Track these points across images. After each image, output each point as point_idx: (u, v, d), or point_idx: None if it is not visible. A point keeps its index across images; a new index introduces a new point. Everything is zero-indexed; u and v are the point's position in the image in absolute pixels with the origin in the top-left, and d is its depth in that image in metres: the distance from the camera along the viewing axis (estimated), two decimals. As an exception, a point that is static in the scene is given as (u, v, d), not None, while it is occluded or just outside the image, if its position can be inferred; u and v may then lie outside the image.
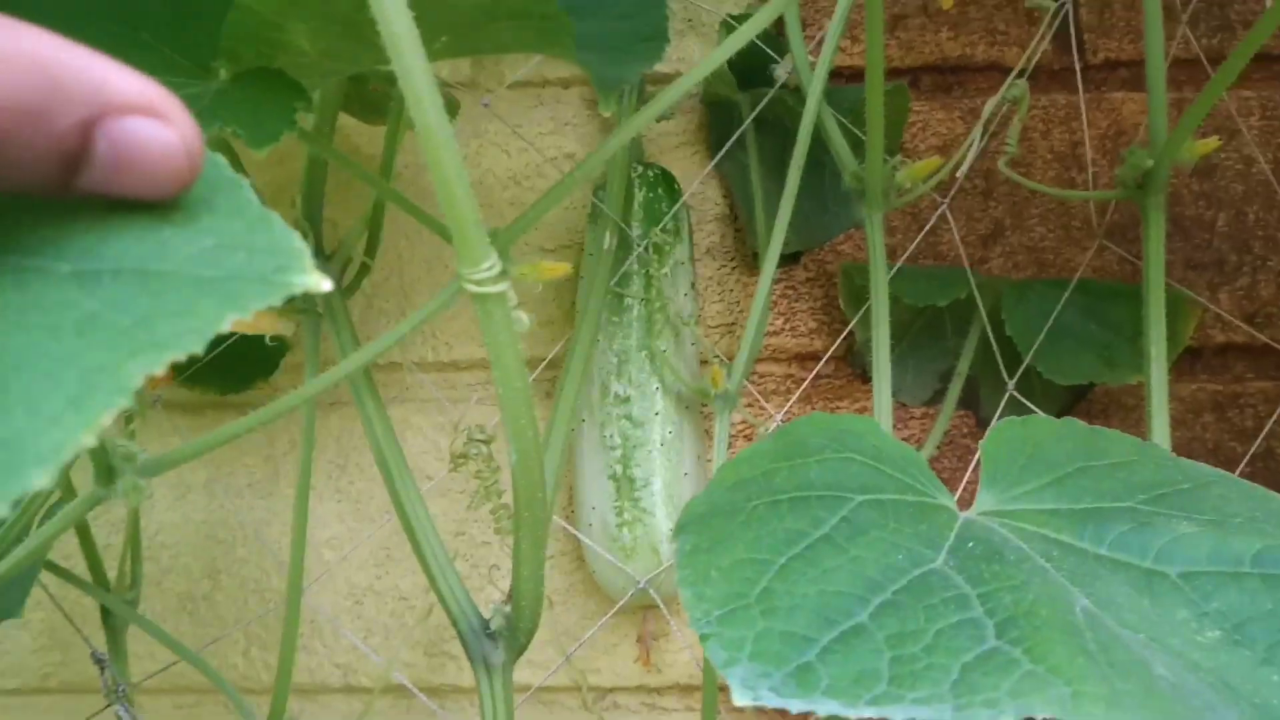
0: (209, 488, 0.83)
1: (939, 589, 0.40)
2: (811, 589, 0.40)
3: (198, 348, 0.26)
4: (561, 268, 0.58)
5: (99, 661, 0.68)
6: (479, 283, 0.38)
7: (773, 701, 0.35)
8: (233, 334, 0.73)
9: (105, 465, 0.50)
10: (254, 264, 0.29)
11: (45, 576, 0.71)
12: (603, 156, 0.59)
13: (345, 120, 0.83)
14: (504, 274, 0.39)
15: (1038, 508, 0.49)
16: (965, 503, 0.49)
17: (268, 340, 0.65)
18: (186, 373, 0.73)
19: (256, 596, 0.81)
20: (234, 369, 0.75)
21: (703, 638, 0.38)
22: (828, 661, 0.37)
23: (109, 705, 0.70)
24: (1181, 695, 0.35)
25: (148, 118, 0.27)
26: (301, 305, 0.66)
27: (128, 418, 0.70)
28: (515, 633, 0.55)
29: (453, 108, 0.80)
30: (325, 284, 0.28)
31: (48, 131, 0.26)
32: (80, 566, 0.70)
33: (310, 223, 0.63)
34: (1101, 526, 0.46)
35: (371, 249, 0.67)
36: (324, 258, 0.63)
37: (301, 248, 0.29)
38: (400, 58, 0.34)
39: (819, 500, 0.45)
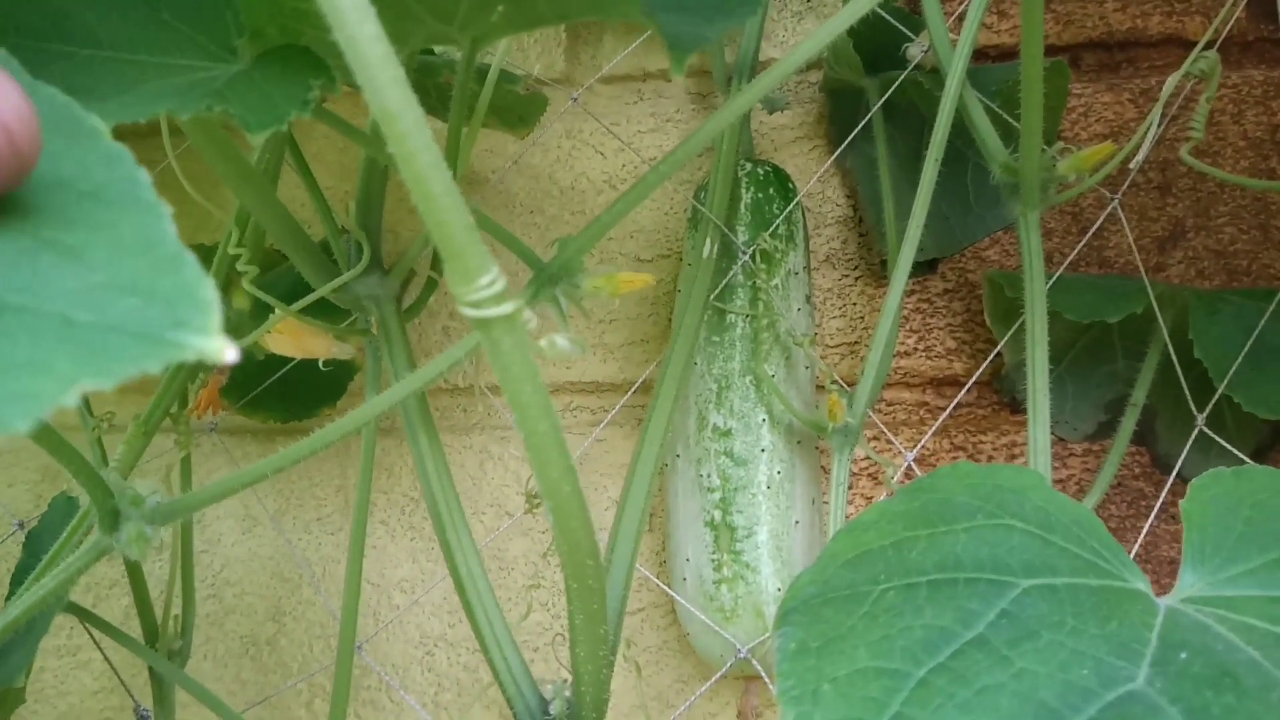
0: (277, 521, 0.76)
1: (1146, 726, 0.29)
2: (961, 719, 0.29)
3: (24, 426, 0.18)
4: (642, 279, 0.49)
5: (142, 717, 0.62)
6: (477, 304, 0.29)
7: None
8: (291, 358, 0.66)
9: (110, 510, 0.43)
10: (145, 315, 0.21)
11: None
12: (693, 147, 0.50)
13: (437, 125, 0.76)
14: (507, 292, 0.29)
15: (1266, 594, 0.37)
16: (1149, 572, 0.37)
17: (321, 365, 0.58)
18: (245, 398, 0.67)
19: (322, 642, 0.74)
20: (297, 394, 0.68)
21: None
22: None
23: (159, 759, 0.64)
24: None
25: None
26: (363, 325, 0.59)
27: (180, 445, 0.64)
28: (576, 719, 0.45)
29: (539, 105, 0.72)
30: (229, 353, 0.20)
31: None
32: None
33: (366, 231, 0.55)
34: (1363, 626, 0.34)
35: (439, 263, 0.59)
36: (381, 272, 0.55)
37: (212, 301, 0.21)
38: (337, 16, 0.24)
39: (969, 585, 0.35)
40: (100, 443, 0.69)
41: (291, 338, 0.55)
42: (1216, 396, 0.59)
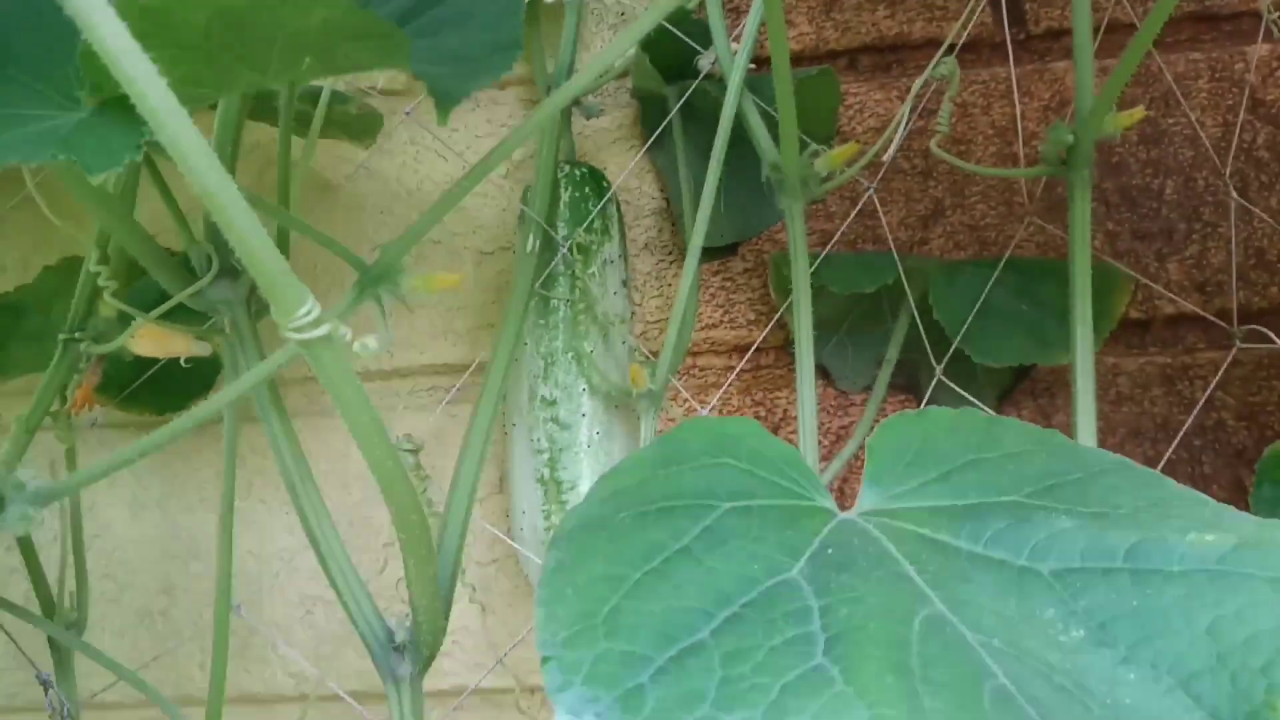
0: (162, 504, 0.84)
1: (785, 601, 0.39)
2: (659, 605, 0.40)
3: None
4: (452, 279, 0.58)
5: (43, 683, 0.70)
6: (298, 330, 0.38)
7: (595, 727, 0.35)
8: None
9: (-6, 495, 0.51)
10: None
11: (-3, 599, 0.73)
12: (504, 152, 0.58)
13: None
14: (323, 317, 0.38)
15: (919, 505, 0.48)
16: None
17: (183, 362, 0.66)
18: (121, 395, 0.74)
19: (211, 609, 0.82)
20: (169, 388, 0.76)
21: (544, 660, 0.38)
22: (659, 683, 0.36)
23: (58, 726, 0.72)
24: (1010, 705, 0.34)
25: None
26: (219, 325, 0.67)
27: (60, 439, 0.71)
28: (419, 646, 0.55)
29: (375, 123, 0.80)
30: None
31: None
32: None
33: (215, 244, 0.63)
34: (980, 523, 0.45)
35: (284, 266, 0.67)
36: (232, 278, 0.63)
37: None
38: (134, 87, 0.33)
39: (685, 510, 0.45)
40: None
41: (154, 340, 0.63)
42: (951, 349, 0.71)
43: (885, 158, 0.76)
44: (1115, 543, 0.43)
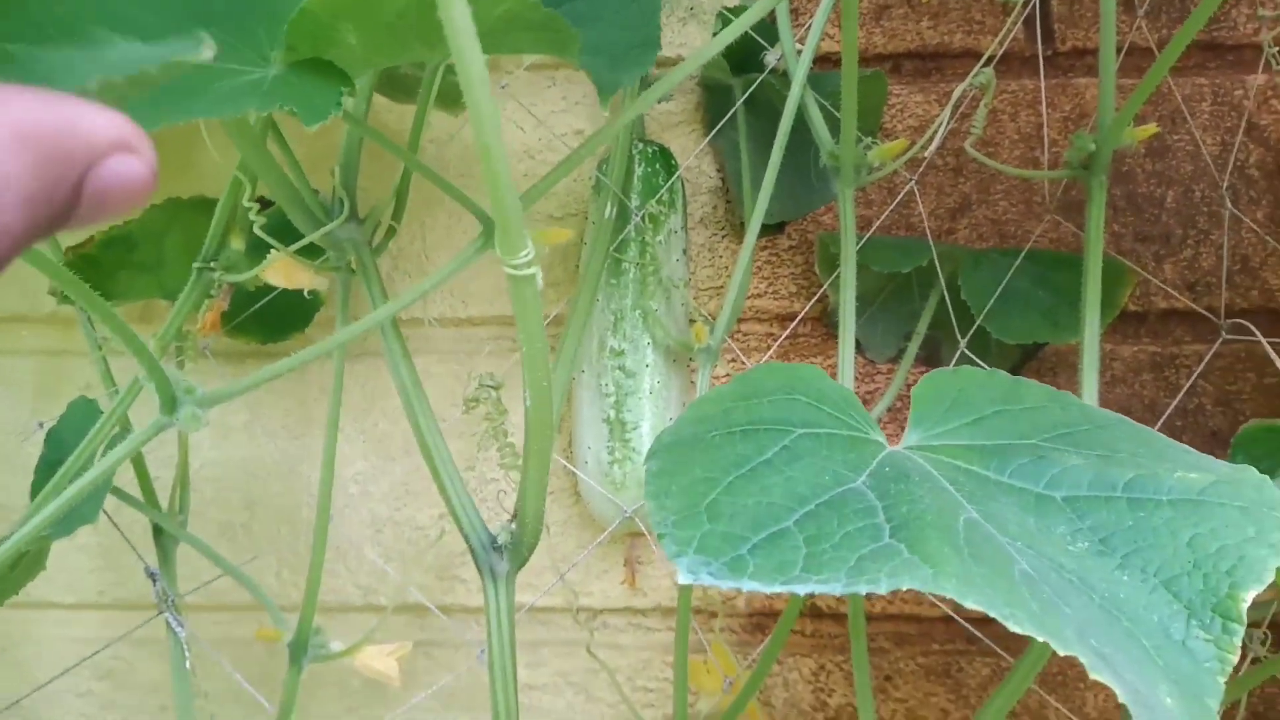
0: (248, 429, 0.93)
1: (853, 502, 0.49)
2: (750, 501, 0.49)
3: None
4: (564, 233, 0.68)
5: (151, 575, 0.79)
6: (516, 267, 0.47)
7: (708, 582, 0.44)
8: (271, 290, 0.83)
9: (169, 396, 0.60)
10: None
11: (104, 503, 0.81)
12: (606, 136, 0.68)
13: (377, 100, 0.92)
14: (535, 259, 0.48)
15: (954, 443, 0.58)
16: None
17: (305, 294, 0.74)
18: (233, 322, 0.83)
19: (288, 526, 0.92)
20: (274, 320, 0.85)
21: (660, 536, 0.47)
22: (755, 555, 0.46)
23: (160, 614, 0.81)
24: (1033, 583, 0.44)
25: (122, 154, 0.26)
26: (335, 263, 0.75)
27: (179, 362, 0.80)
28: (519, 546, 0.64)
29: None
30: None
31: (54, 200, 0.25)
32: (136, 494, 0.81)
33: (347, 191, 0.72)
34: (1005, 459, 0.55)
35: (398, 214, 0.76)
36: (358, 221, 0.72)
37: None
38: (464, 67, 0.42)
39: (766, 432, 0.54)
40: (105, 360, 0.84)
41: (284, 271, 0.72)
42: (975, 326, 0.81)
43: (926, 154, 0.85)
44: (1116, 477, 0.53)
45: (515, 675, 0.64)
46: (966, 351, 0.81)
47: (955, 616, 0.86)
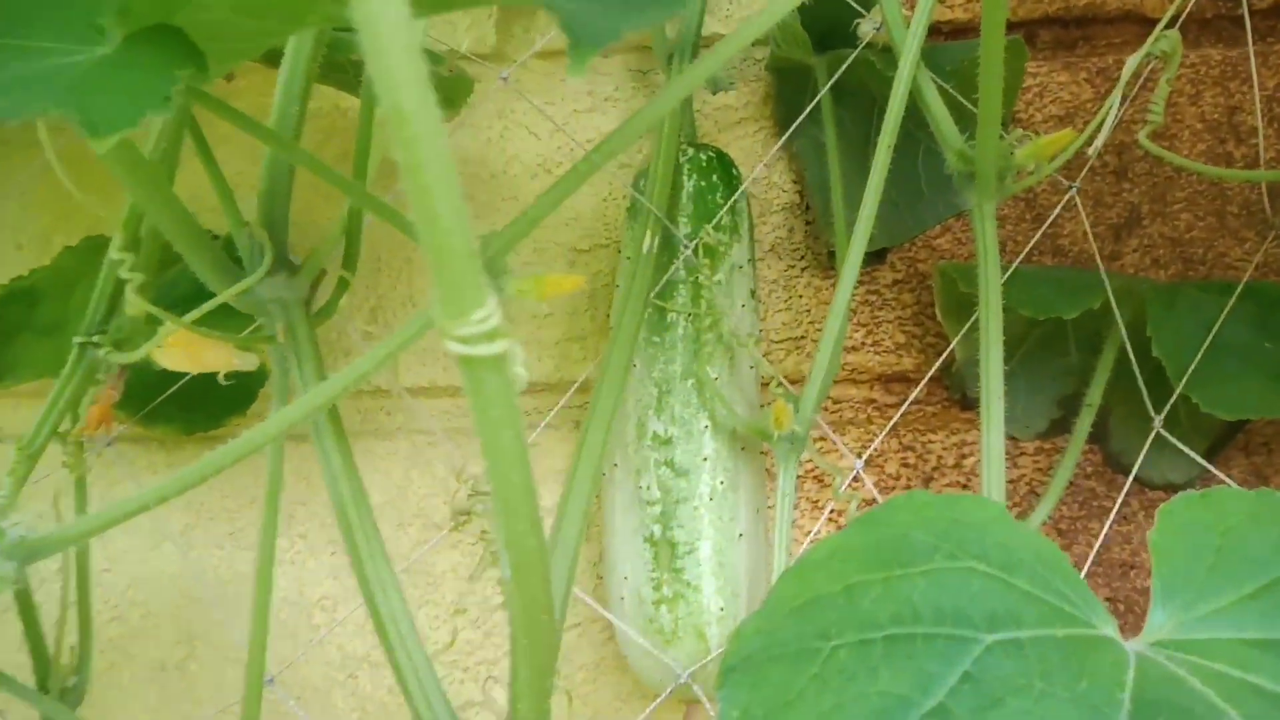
0: (187, 535, 0.71)
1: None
2: (923, 808, 0.26)
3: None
4: (572, 281, 0.44)
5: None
6: (466, 340, 0.25)
7: None
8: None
9: (-34, 546, 0.38)
10: None
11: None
12: (631, 133, 0.45)
13: (351, 102, 0.71)
14: (500, 329, 0.26)
15: (1239, 636, 0.34)
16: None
17: (221, 379, 0.53)
18: (142, 410, 0.62)
19: (237, 667, 0.70)
20: (202, 403, 0.63)
21: None
22: None
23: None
24: None
25: None
26: (268, 332, 0.54)
27: (70, 467, 0.58)
28: (514, 772, 0.42)
29: (464, 88, 0.67)
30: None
31: None
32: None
33: (271, 229, 0.50)
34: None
35: (350, 260, 0.54)
36: (289, 271, 0.51)
37: None
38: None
39: (928, 642, 0.31)
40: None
41: (186, 350, 0.50)
42: (1176, 395, 0.57)
43: (1089, 151, 0.62)
44: None
45: None
46: (1162, 431, 0.57)
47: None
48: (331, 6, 0.41)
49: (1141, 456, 0.59)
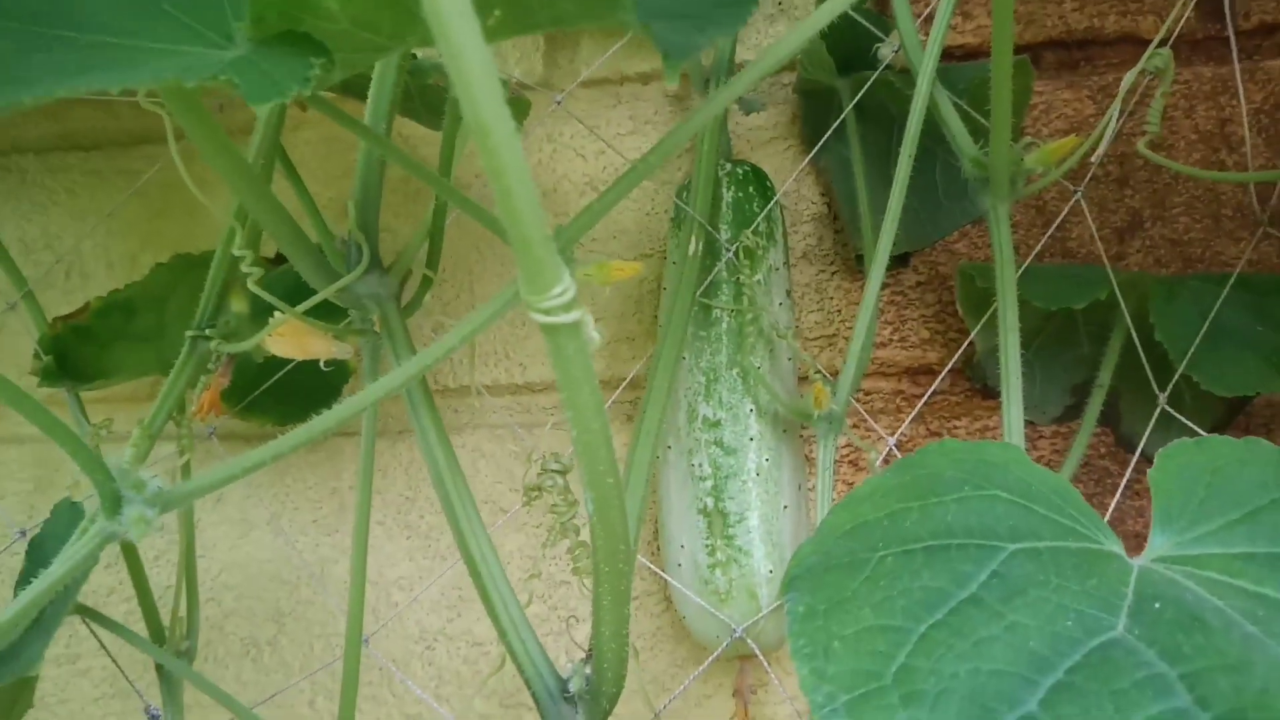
0: (273, 524, 0.78)
1: (1126, 667, 0.31)
2: (962, 667, 0.32)
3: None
4: (632, 267, 0.51)
5: (153, 717, 0.63)
6: (548, 311, 0.31)
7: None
8: (288, 360, 0.68)
9: (111, 495, 0.44)
10: None
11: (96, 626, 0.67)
12: (678, 140, 0.52)
13: (412, 129, 0.78)
14: (575, 301, 0.32)
15: (1227, 551, 0.40)
16: (1124, 542, 0.40)
17: (322, 365, 0.59)
18: (242, 402, 0.68)
19: (322, 641, 0.76)
20: (292, 397, 0.69)
21: (826, 730, 0.30)
22: (992, 768, 0.28)
23: (166, 760, 0.65)
24: None
25: None
26: (359, 326, 0.60)
27: (181, 450, 0.65)
28: (597, 696, 0.47)
29: (522, 108, 0.74)
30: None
31: None
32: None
33: (365, 232, 0.57)
34: (1316, 576, 0.37)
35: (434, 260, 0.61)
36: (382, 272, 0.57)
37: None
38: (445, 29, 0.27)
39: (961, 550, 0.37)
40: (98, 449, 0.70)
41: (293, 339, 0.57)
42: (1176, 376, 0.62)
43: (1094, 158, 0.68)
44: None
45: None
46: (1169, 409, 0.63)
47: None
48: (428, 29, 0.48)
49: (1147, 434, 0.64)
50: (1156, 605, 0.35)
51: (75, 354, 0.75)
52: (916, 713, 0.30)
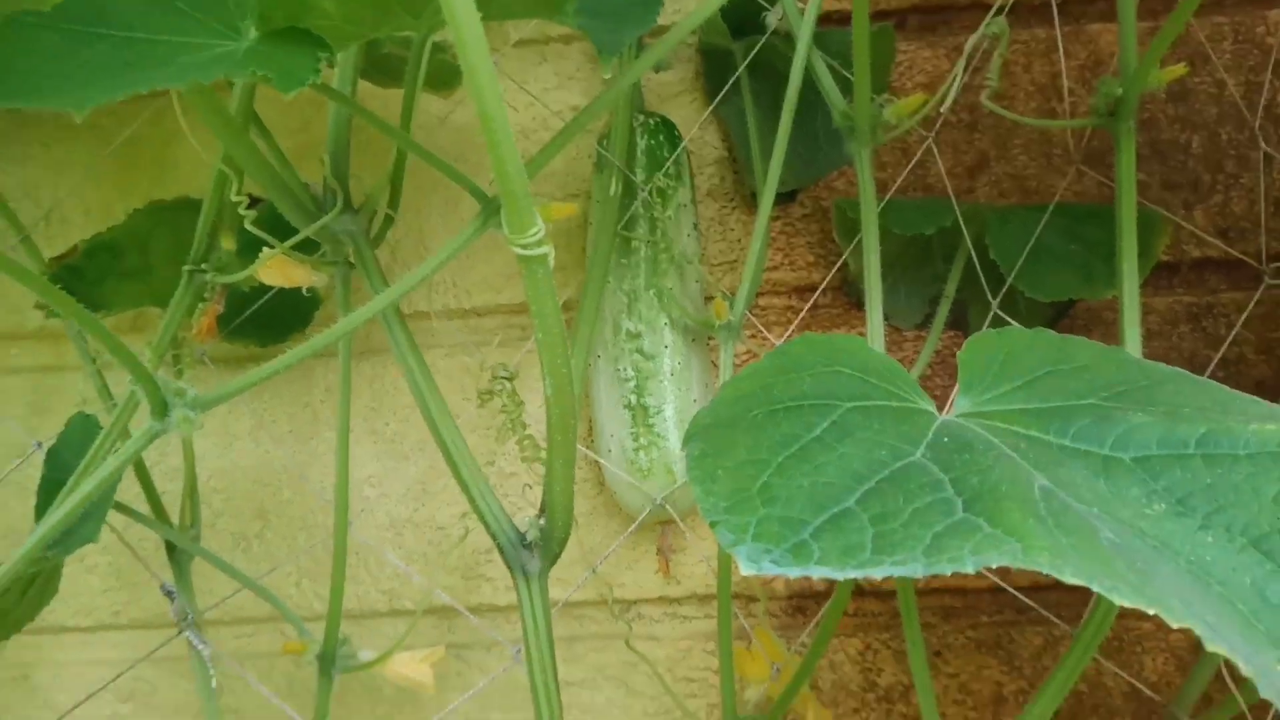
0: (254, 435, 0.89)
1: (916, 477, 0.46)
2: (805, 481, 0.46)
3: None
4: (568, 208, 0.64)
5: (168, 593, 0.75)
6: (526, 246, 0.44)
7: (772, 571, 0.41)
8: (269, 290, 0.79)
9: (159, 401, 0.56)
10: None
11: (111, 521, 0.78)
12: (604, 104, 0.65)
13: (362, 87, 0.88)
14: (546, 238, 0.44)
15: (1009, 408, 0.55)
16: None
17: (303, 293, 0.71)
18: (229, 327, 0.79)
19: (304, 533, 0.88)
20: (271, 322, 0.81)
21: (713, 524, 0.44)
22: (820, 539, 0.42)
23: (180, 633, 0.77)
24: (1122, 551, 0.41)
25: None
26: (332, 257, 0.72)
27: (177, 370, 0.76)
28: (549, 542, 0.61)
29: (456, 73, 0.85)
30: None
31: None
32: (143, 509, 0.77)
33: (338, 179, 0.68)
34: (1065, 421, 0.52)
35: (394, 202, 0.72)
36: (353, 212, 0.69)
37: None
38: (462, 40, 0.38)
39: (811, 408, 0.51)
40: (100, 374, 0.81)
41: (279, 270, 0.68)
42: (1007, 285, 0.77)
43: (942, 110, 0.82)
44: (1186, 434, 0.49)
45: (556, 674, 0.61)
46: (999, 312, 0.78)
47: (1005, 586, 0.83)
48: (403, 18, 0.59)
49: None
50: (945, 439, 0.49)
51: (71, 290, 0.85)
52: (771, 509, 0.44)
